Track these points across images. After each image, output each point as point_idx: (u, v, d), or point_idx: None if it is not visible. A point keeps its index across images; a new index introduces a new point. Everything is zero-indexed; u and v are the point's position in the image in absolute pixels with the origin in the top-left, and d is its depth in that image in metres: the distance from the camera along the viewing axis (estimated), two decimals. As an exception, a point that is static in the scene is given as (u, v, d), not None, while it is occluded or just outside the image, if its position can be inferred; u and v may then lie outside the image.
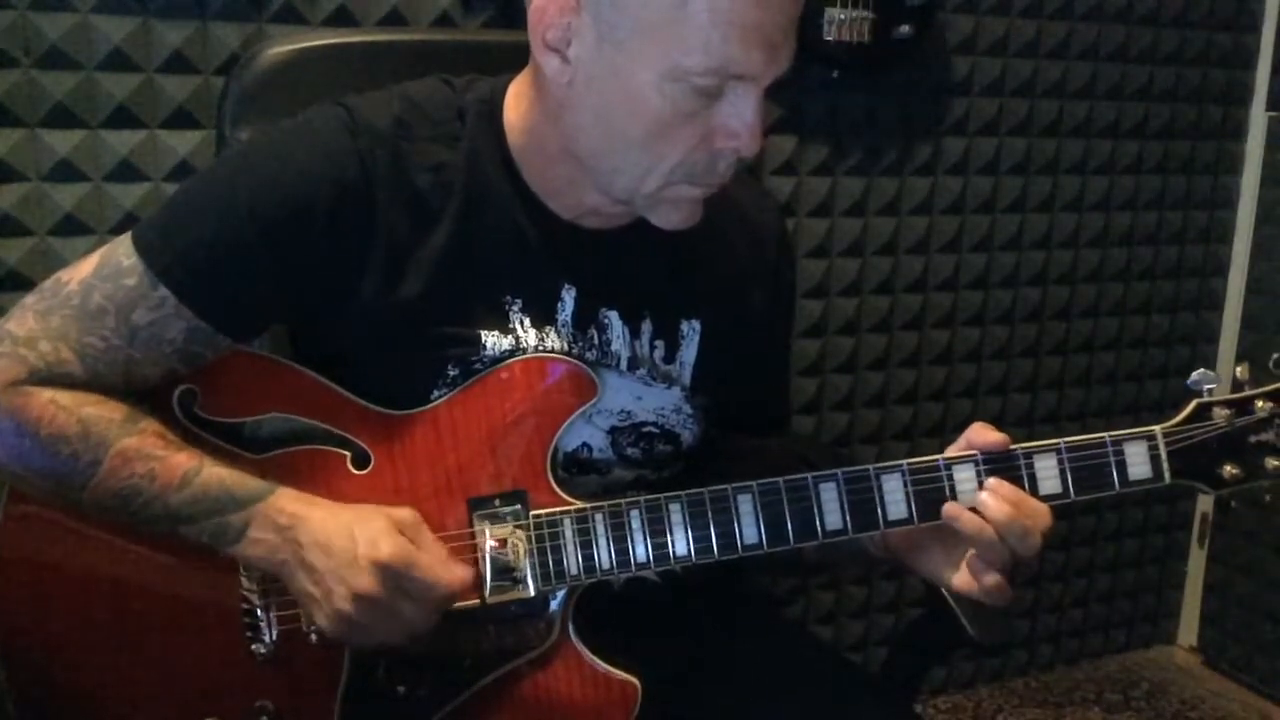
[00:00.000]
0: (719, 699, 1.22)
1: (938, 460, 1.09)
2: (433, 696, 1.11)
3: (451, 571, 1.04)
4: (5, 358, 1.04)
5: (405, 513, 1.06)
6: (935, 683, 2.56)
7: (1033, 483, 1.08)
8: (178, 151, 1.73)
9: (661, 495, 1.09)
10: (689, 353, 1.21)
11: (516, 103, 1.13)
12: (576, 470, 1.18)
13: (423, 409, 1.11)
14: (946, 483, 1.08)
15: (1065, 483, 1.08)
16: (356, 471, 1.10)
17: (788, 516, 1.08)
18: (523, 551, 1.08)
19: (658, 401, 1.20)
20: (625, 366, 1.18)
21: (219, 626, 1.09)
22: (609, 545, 1.09)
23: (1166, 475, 1.09)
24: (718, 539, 1.09)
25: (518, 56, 1.15)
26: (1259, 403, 1.09)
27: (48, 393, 1.04)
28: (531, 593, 1.08)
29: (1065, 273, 2.50)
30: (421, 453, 1.10)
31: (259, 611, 1.09)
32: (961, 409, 2.46)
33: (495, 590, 1.08)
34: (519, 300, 1.13)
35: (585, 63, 1.02)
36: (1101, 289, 2.55)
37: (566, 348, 1.14)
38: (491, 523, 1.09)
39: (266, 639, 1.09)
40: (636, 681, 1.12)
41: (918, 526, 1.09)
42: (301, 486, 1.06)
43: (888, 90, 2.21)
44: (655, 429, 1.20)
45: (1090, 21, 2.38)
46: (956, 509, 1.07)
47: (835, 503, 1.08)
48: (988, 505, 1.06)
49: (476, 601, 1.08)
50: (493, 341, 1.12)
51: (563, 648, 1.12)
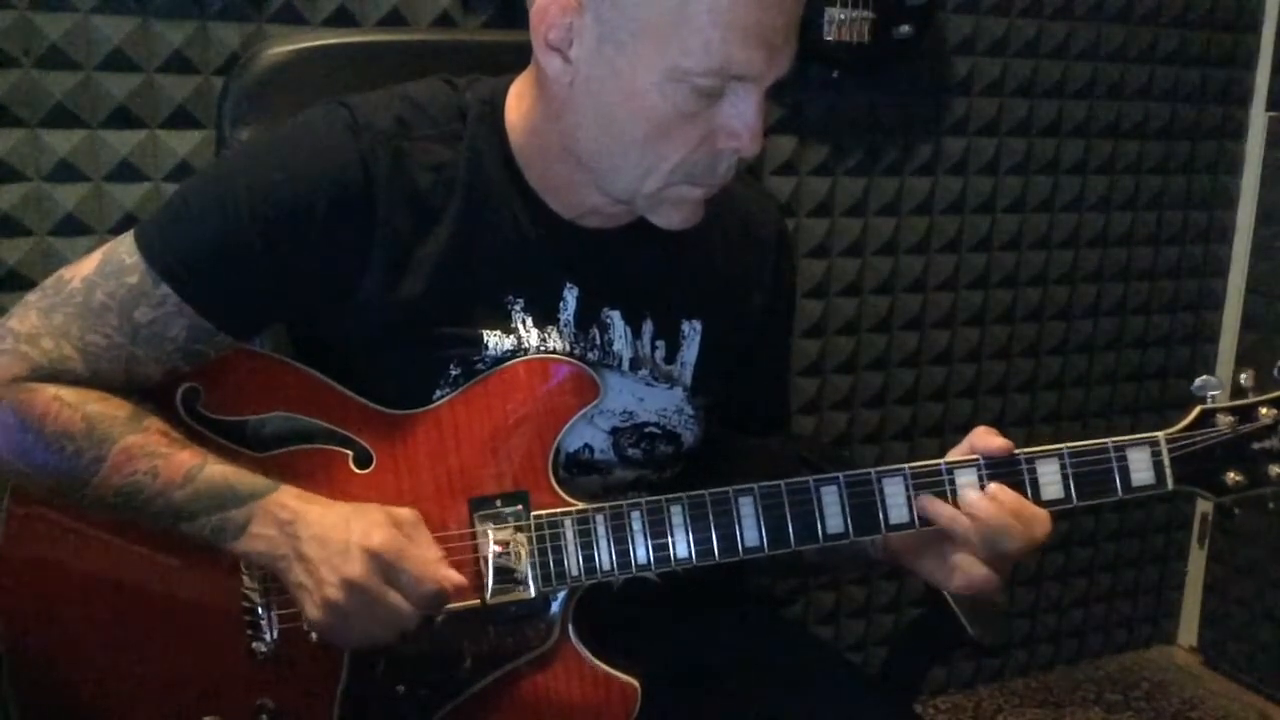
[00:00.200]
0: (719, 700, 1.22)
1: (940, 464, 1.08)
2: (432, 696, 1.11)
3: (442, 570, 1.04)
4: (8, 354, 1.04)
5: (405, 512, 1.06)
6: (935, 683, 2.56)
7: (1035, 488, 1.08)
8: (178, 151, 1.73)
9: (662, 497, 1.09)
10: (690, 353, 1.21)
11: (518, 103, 1.13)
12: (578, 471, 1.18)
13: (425, 409, 1.11)
14: (949, 487, 1.08)
15: (1068, 488, 1.08)
16: (358, 471, 1.10)
17: (789, 519, 1.08)
18: (524, 556, 1.08)
19: (659, 402, 1.20)
20: (627, 367, 1.18)
21: (220, 625, 1.09)
22: (610, 546, 1.09)
23: (1169, 482, 1.09)
24: (719, 541, 1.09)
25: (518, 56, 1.15)
26: (1263, 409, 1.09)
27: (51, 389, 1.04)
28: (532, 594, 1.08)
29: (1065, 273, 2.49)
30: (423, 452, 1.11)
31: (260, 610, 1.09)
32: (961, 409, 2.45)
33: (496, 591, 1.08)
34: (521, 300, 1.13)
35: (586, 63, 1.02)
36: (1101, 289, 2.54)
37: (569, 348, 1.14)
38: (493, 523, 1.09)
39: (267, 638, 1.09)
40: (636, 683, 1.12)
41: (919, 531, 1.09)
42: (303, 485, 1.06)
43: (888, 90, 2.21)
44: (657, 429, 1.20)
45: (1090, 21, 2.37)
46: (930, 501, 1.07)
47: (837, 506, 1.08)
48: (970, 502, 1.06)
49: (477, 602, 1.08)
50: (495, 341, 1.12)
51: (563, 648, 1.12)
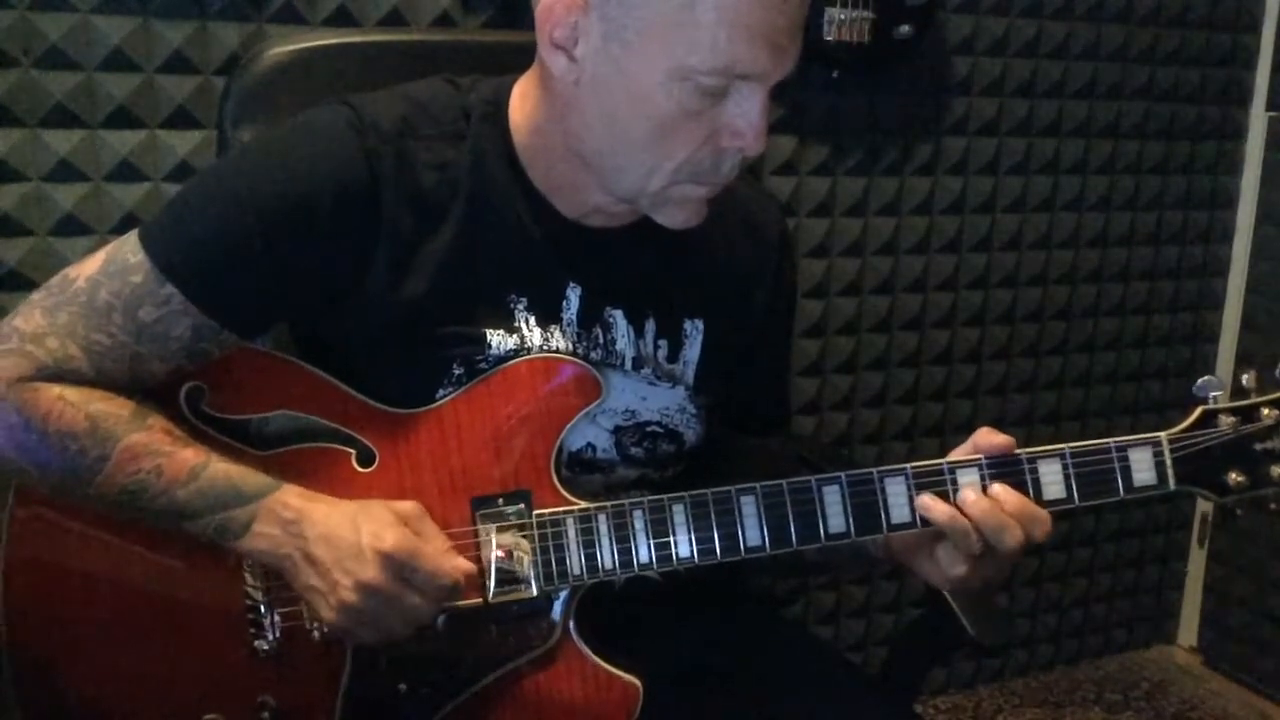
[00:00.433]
0: (720, 699, 1.22)
1: (942, 464, 1.08)
2: (434, 695, 1.11)
3: (454, 562, 1.05)
4: (13, 354, 1.04)
5: (408, 505, 1.06)
6: (935, 683, 2.56)
7: (1037, 488, 1.08)
8: (178, 151, 1.73)
9: (665, 496, 1.09)
10: (692, 352, 1.21)
11: (522, 102, 1.13)
12: (580, 470, 1.18)
13: (428, 408, 1.11)
14: (950, 487, 1.07)
15: (1070, 488, 1.08)
16: (361, 470, 1.10)
17: (791, 519, 1.08)
18: (526, 555, 1.08)
19: (662, 401, 1.20)
20: (630, 366, 1.18)
21: (222, 624, 1.09)
22: (612, 545, 1.09)
23: (1171, 482, 1.09)
24: (721, 540, 1.09)
25: (518, 56, 1.15)
26: (1265, 410, 1.08)
27: (56, 388, 1.04)
28: (534, 593, 1.08)
29: (1065, 273, 2.49)
30: (426, 451, 1.11)
31: (262, 609, 1.09)
32: (961, 409, 2.45)
33: (498, 590, 1.08)
34: (524, 299, 1.13)
35: (592, 62, 1.02)
36: (1101, 289, 2.54)
37: (571, 347, 1.14)
38: (495, 522, 1.09)
39: (269, 636, 1.09)
40: (638, 682, 1.12)
41: (920, 531, 1.09)
42: (307, 484, 1.06)
43: (888, 90, 2.21)
44: (659, 429, 1.20)
45: (1090, 21, 2.37)
46: (930, 500, 1.07)
47: (838, 505, 1.08)
48: (966, 500, 1.06)
49: (479, 601, 1.08)
50: (498, 341, 1.12)
51: (565, 647, 1.12)
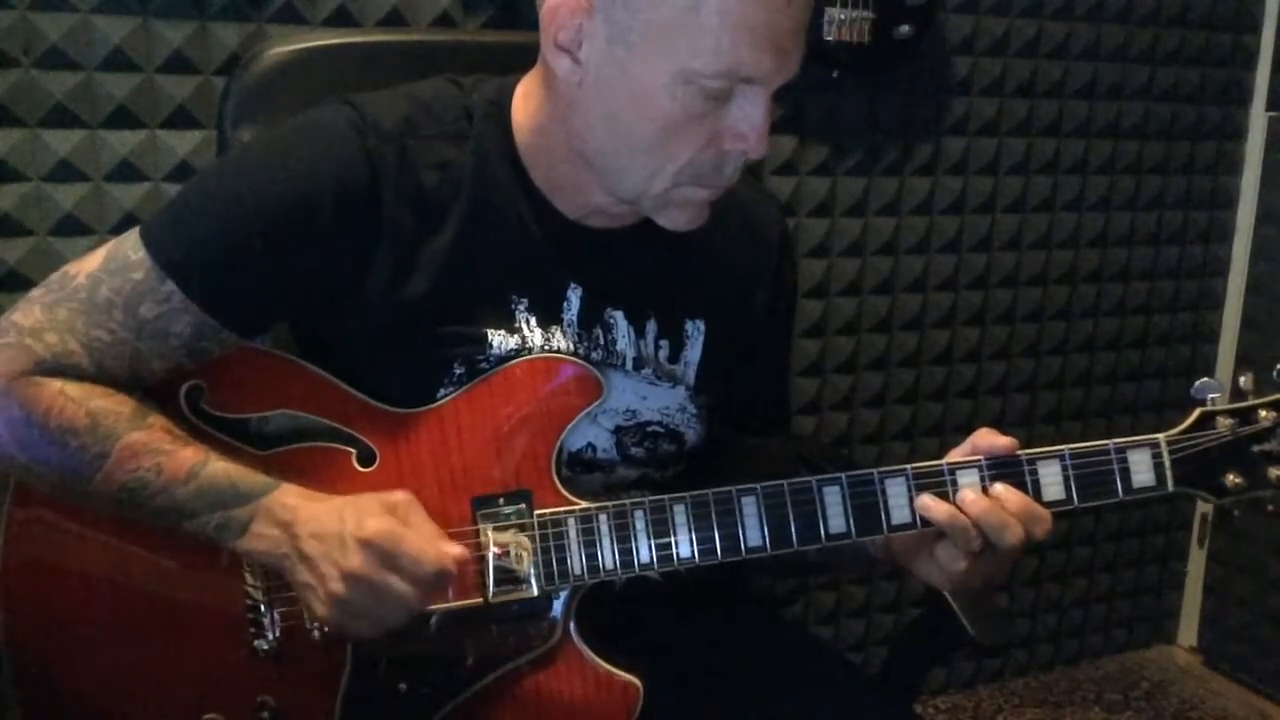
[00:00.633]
0: (720, 699, 1.22)
1: (942, 465, 1.08)
2: (434, 695, 1.11)
3: (439, 547, 1.02)
4: (12, 348, 1.04)
5: (399, 495, 1.04)
6: (935, 683, 2.56)
7: (1036, 489, 1.08)
8: (178, 151, 1.73)
9: (666, 496, 1.09)
10: (693, 352, 1.21)
11: (524, 102, 1.13)
12: (580, 469, 1.18)
13: (428, 408, 1.11)
14: (951, 488, 1.07)
15: (1069, 489, 1.08)
16: (362, 469, 1.10)
17: (791, 519, 1.08)
18: (527, 555, 1.08)
19: (662, 400, 1.20)
20: (631, 366, 1.18)
21: (222, 623, 1.09)
22: (613, 546, 1.09)
23: (1170, 484, 1.09)
24: (721, 541, 1.08)
25: (518, 57, 1.15)
26: (1262, 412, 1.09)
27: (57, 384, 1.04)
28: (535, 593, 1.08)
29: (1065, 273, 2.49)
30: (426, 451, 1.11)
31: (262, 608, 1.09)
32: (961, 409, 2.46)
33: (498, 590, 1.08)
34: (525, 299, 1.13)
35: (596, 64, 1.03)
36: (1101, 289, 2.54)
37: (572, 348, 1.14)
38: (495, 522, 1.09)
39: (269, 636, 1.09)
40: (638, 682, 1.12)
41: (921, 531, 1.09)
42: (307, 484, 1.06)
43: (888, 90, 2.21)
44: (660, 428, 1.21)
45: (1090, 21, 2.37)
46: (929, 500, 1.06)
47: (839, 506, 1.08)
48: (966, 499, 1.06)
49: (479, 601, 1.08)
50: (499, 341, 1.12)
51: (565, 648, 1.12)
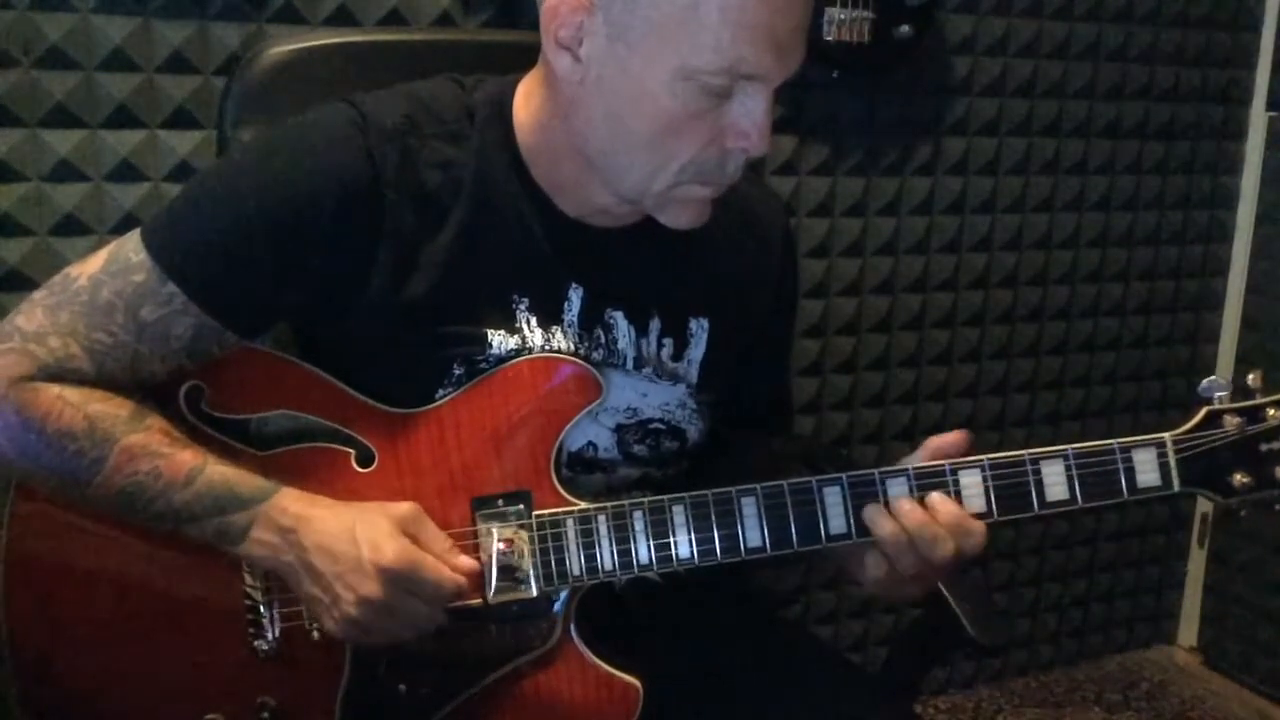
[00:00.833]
0: (720, 700, 1.22)
1: (944, 465, 1.08)
2: (434, 695, 1.11)
3: (456, 565, 1.05)
4: (14, 353, 1.04)
5: (406, 508, 1.05)
6: (935, 683, 2.56)
7: (1040, 489, 1.07)
8: (178, 151, 1.73)
9: (665, 497, 1.09)
10: (697, 351, 1.21)
11: (526, 101, 1.13)
12: (581, 469, 1.18)
13: (428, 408, 1.11)
14: (952, 488, 1.07)
15: (1073, 489, 1.07)
16: (361, 470, 1.10)
17: (791, 520, 1.08)
18: (526, 555, 1.08)
19: (663, 397, 1.20)
20: (631, 366, 1.17)
21: (221, 624, 1.09)
22: (612, 546, 1.09)
23: (1176, 483, 1.08)
24: (721, 541, 1.08)
25: (518, 56, 1.15)
26: (1270, 411, 1.08)
27: (55, 388, 1.04)
28: (534, 593, 1.08)
29: (1065, 273, 2.49)
30: (426, 452, 1.10)
31: (261, 609, 1.09)
32: (961, 409, 2.45)
33: (498, 591, 1.08)
34: (526, 299, 1.13)
35: (596, 62, 1.02)
36: (1101, 289, 2.54)
37: (573, 348, 1.14)
38: (495, 523, 1.09)
39: (269, 636, 1.09)
40: (638, 683, 1.12)
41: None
42: (306, 485, 1.06)
43: (888, 90, 2.20)
44: (662, 425, 1.20)
45: (1090, 21, 2.37)
46: (876, 514, 1.06)
47: (839, 506, 1.08)
48: (902, 510, 1.06)
49: (479, 602, 1.08)
50: (499, 341, 1.12)
51: (565, 648, 1.12)
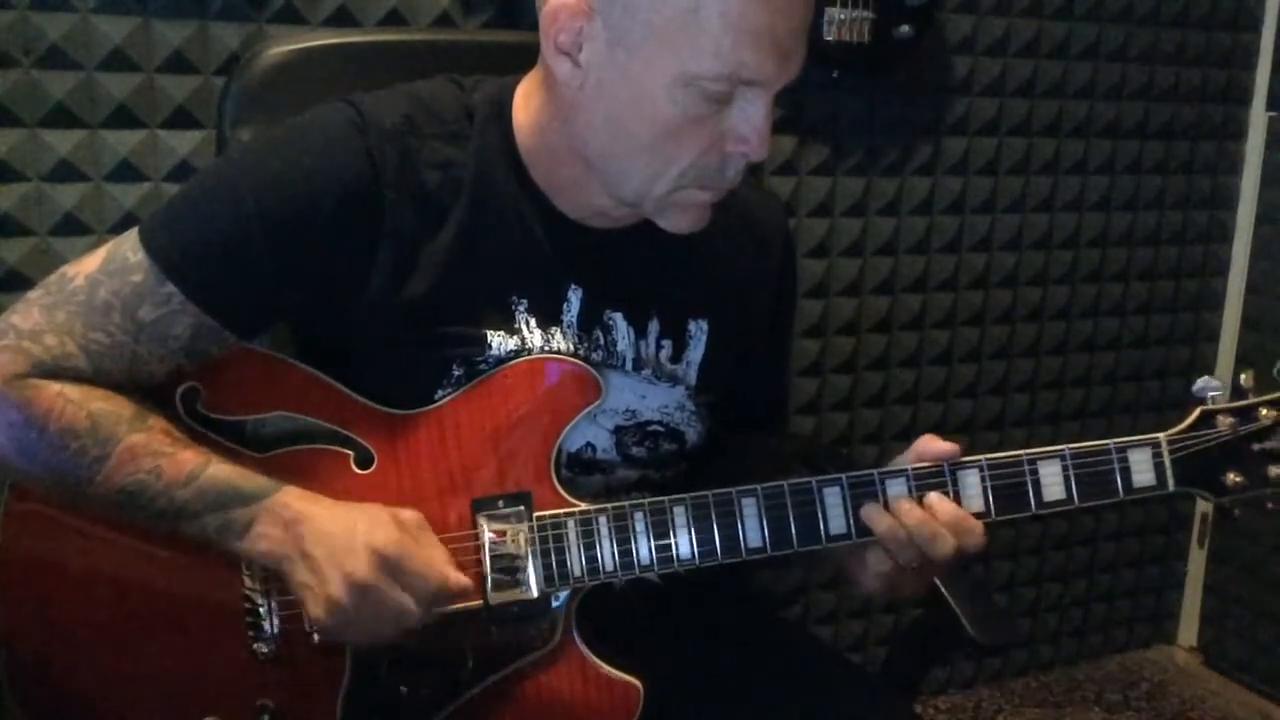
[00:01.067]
0: (720, 700, 1.22)
1: (943, 465, 1.08)
2: (435, 697, 1.11)
3: (447, 569, 1.04)
4: (9, 350, 1.04)
5: (410, 513, 1.06)
6: (935, 683, 2.56)
7: (1037, 489, 1.08)
8: (178, 151, 1.73)
9: (665, 497, 1.09)
10: (696, 352, 1.21)
11: (525, 103, 1.13)
12: (580, 470, 1.18)
13: (427, 409, 1.11)
14: (952, 488, 1.08)
15: (1069, 489, 1.08)
16: (360, 471, 1.10)
17: (791, 520, 1.08)
18: (527, 556, 1.08)
19: (662, 399, 1.20)
20: (630, 367, 1.18)
21: (221, 625, 1.09)
22: (613, 547, 1.09)
23: (1170, 483, 1.09)
24: (721, 542, 1.08)
25: (518, 57, 1.15)
26: (1263, 410, 1.09)
27: (56, 386, 1.03)
28: (534, 594, 1.08)
29: (1065, 273, 2.49)
30: (425, 453, 1.10)
31: (261, 610, 1.09)
32: (961, 409, 2.45)
33: (498, 591, 1.08)
34: (525, 300, 1.13)
35: (596, 67, 1.02)
36: (1101, 289, 2.54)
37: (572, 349, 1.14)
38: (495, 524, 1.09)
39: (268, 638, 1.09)
40: (639, 683, 1.12)
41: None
42: (304, 486, 1.06)
43: (888, 90, 2.21)
44: (660, 427, 1.20)
45: (1090, 21, 2.37)
46: (873, 512, 1.07)
47: (839, 507, 1.08)
48: (901, 510, 1.06)
49: (479, 603, 1.08)
50: (498, 342, 1.12)
51: (565, 649, 1.12)
